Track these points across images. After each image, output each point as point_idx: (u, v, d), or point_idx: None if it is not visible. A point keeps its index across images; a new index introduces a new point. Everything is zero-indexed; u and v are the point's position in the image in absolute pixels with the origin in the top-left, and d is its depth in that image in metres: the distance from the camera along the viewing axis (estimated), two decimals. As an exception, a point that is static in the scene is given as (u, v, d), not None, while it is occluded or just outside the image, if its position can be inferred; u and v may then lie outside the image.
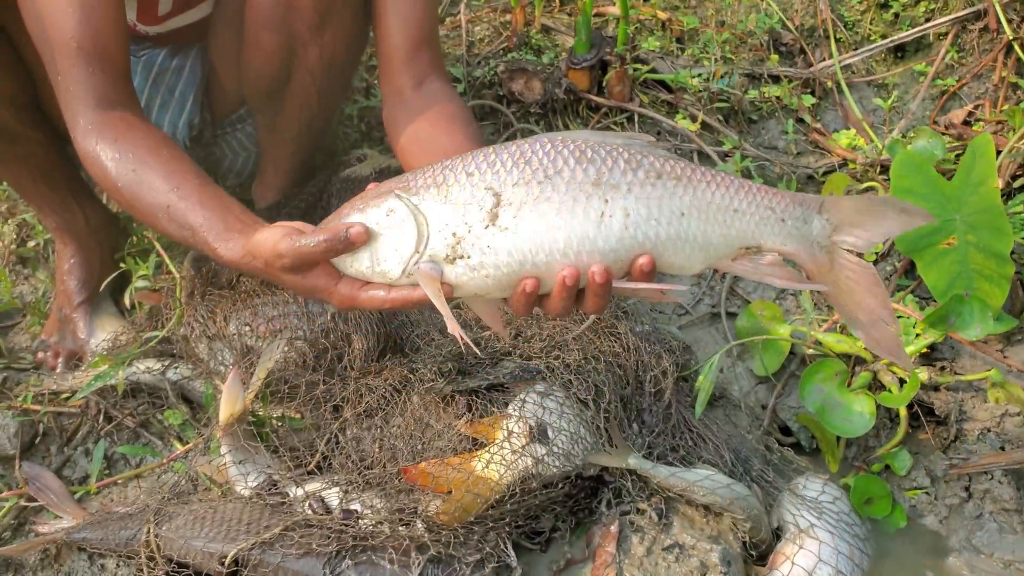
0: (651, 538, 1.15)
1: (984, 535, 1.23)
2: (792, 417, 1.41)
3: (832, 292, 0.93)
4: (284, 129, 1.46)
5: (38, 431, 1.33)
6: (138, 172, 1.01)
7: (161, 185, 1.00)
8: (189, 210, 0.99)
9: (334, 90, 1.42)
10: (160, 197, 1.00)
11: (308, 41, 1.29)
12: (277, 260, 0.90)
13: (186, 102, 1.45)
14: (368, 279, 0.88)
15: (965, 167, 1.43)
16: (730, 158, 1.69)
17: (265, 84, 1.37)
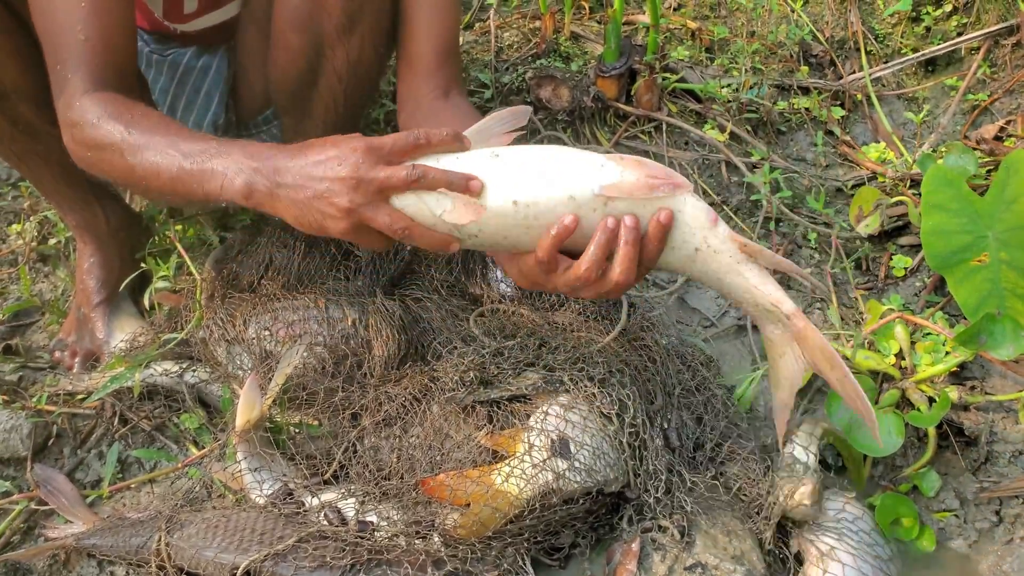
0: (673, 556, 1.13)
1: (1015, 561, 1.20)
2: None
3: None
4: (310, 131, 1.45)
5: (52, 432, 1.32)
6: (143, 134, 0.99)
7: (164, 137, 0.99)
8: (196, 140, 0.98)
9: (361, 93, 1.42)
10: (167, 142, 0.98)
11: (335, 43, 1.28)
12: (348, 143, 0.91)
13: (211, 102, 1.45)
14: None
15: (998, 184, 1.41)
16: (758, 169, 1.67)
17: (291, 85, 1.36)
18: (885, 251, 1.61)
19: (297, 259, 1.44)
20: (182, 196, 0.99)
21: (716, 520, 1.18)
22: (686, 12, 1.98)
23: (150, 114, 1.03)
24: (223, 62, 1.45)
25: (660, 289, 1.55)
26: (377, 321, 1.30)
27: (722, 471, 1.24)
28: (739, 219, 1.66)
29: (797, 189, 1.69)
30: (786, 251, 1.62)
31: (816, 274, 1.59)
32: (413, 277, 1.43)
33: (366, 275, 1.41)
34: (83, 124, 1.01)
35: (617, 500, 1.17)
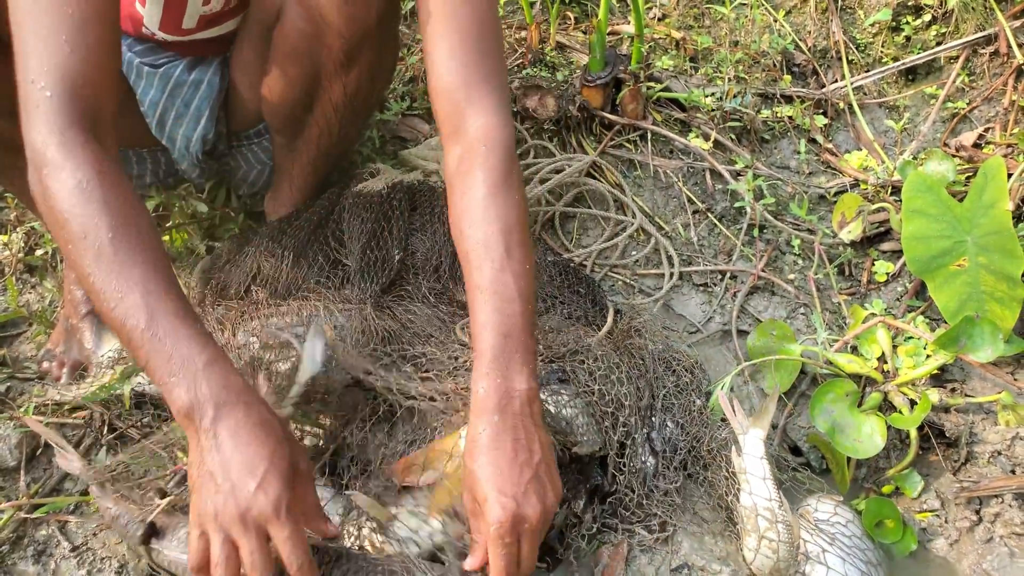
0: (660, 559, 1.14)
1: (995, 559, 1.22)
2: (802, 437, 1.40)
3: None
4: (302, 152, 1.46)
5: (40, 443, 1.32)
6: (113, 244, 0.88)
7: (142, 272, 0.88)
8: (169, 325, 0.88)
9: (356, 121, 1.42)
10: (134, 297, 0.87)
11: (334, 76, 1.28)
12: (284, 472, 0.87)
13: (201, 117, 1.44)
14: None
15: (977, 189, 1.43)
16: (742, 177, 1.69)
17: (286, 111, 1.37)
18: (867, 257, 1.64)
19: (285, 269, 1.45)
20: (121, 339, 0.91)
21: (702, 523, 1.20)
22: (670, 22, 2.01)
23: (139, 215, 0.92)
24: (215, 76, 1.44)
25: (646, 296, 1.57)
26: (363, 328, 1.30)
27: (705, 477, 1.25)
28: (723, 226, 1.68)
29: (781, 196, 1.71)
30: (770, 257, 1.64)
31: (800, 280, 1.61)
32: (402, 284, 1.44)
33: (355, 284, 1.41)
34: (56, 183, 0.90)
35: (603, 501, 1.18)
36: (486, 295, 0.97)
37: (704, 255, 1.63)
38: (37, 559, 1.18)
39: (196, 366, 0.87)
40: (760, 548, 1.13)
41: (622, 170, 1.73)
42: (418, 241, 1.48)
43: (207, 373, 0.87)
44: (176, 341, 0.87)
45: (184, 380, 0.87)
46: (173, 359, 0.87)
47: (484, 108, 1.03)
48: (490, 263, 0.98)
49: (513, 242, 0.99)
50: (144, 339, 0.88)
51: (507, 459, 0.93)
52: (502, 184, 1.02)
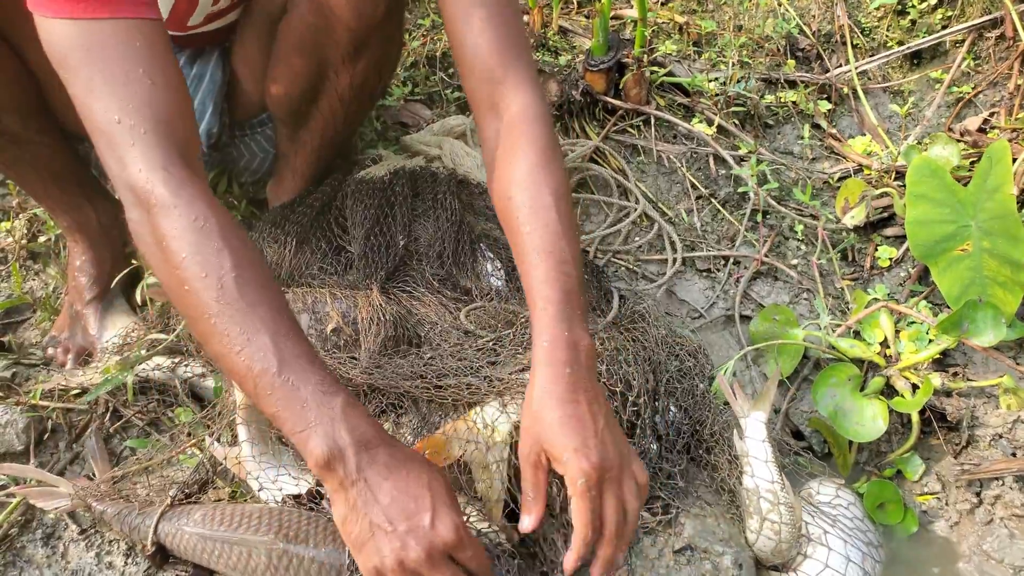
0: (663, 541, 1.15)
1: (994, 541, 1.23)
2: (804, 421, 1.41)
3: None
4: (306, 141, 1.46)
5: (47, 427, 1.33)
6: (238, 283, 0.84)
7: (265, 322, 0.84)
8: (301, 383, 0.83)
9: (362, 110, 1.42)
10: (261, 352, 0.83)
11: (340, 69, 1.27)
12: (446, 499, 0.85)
13: (205, 112, 1.43)
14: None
15: (981, 173, 1.43)
16: (746, 162, 1.69)
17: (291, 101, 1.36)
18: (870, 242, 1.64)
19: (289, 254, 1.45)
20: (244, 387, 0.86)
21: (704, 505, 1.21)
22: (673, 7, 2.00)
23: (256, 253, 0.89)
24: (217, 69, 1.43)
25: (649, 282, 1.57)
26: (367, 317, 1.31)
27: (708, 460, 1.26)
28: (727, 211, 1.67)
29: (784, 182, 1.71)
30: (773, 242, 1.64)
31: (803, 265, 1.61)
32: (406, 271, 1.44)
33: (359, 269, 1.42)
34: (168, 221, 0.85)
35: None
36: (541, 255, 0.96)
37: (707, 241, 1.63)
38: (46, 542, 1.19)
39: (334, 412, 0.83)
40: (762, 530, 1.14)
41: (625, 155, 1.73)
42: (421, 227, 1.48)
43: (345, 417, 0.83)
44: (308, 387, 0.83)
45: (321, 427, 0.83)
46: (308, 406, 0.83)
47: (521, 83, 1.03)
48: (544, 227, 0.97)
49: (564, 209, 0.99)
50: (275, 384, 0.83)
51: (585, 411, 0.90)
52: (551, 154, 1.01)
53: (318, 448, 0.83)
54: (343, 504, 0.85)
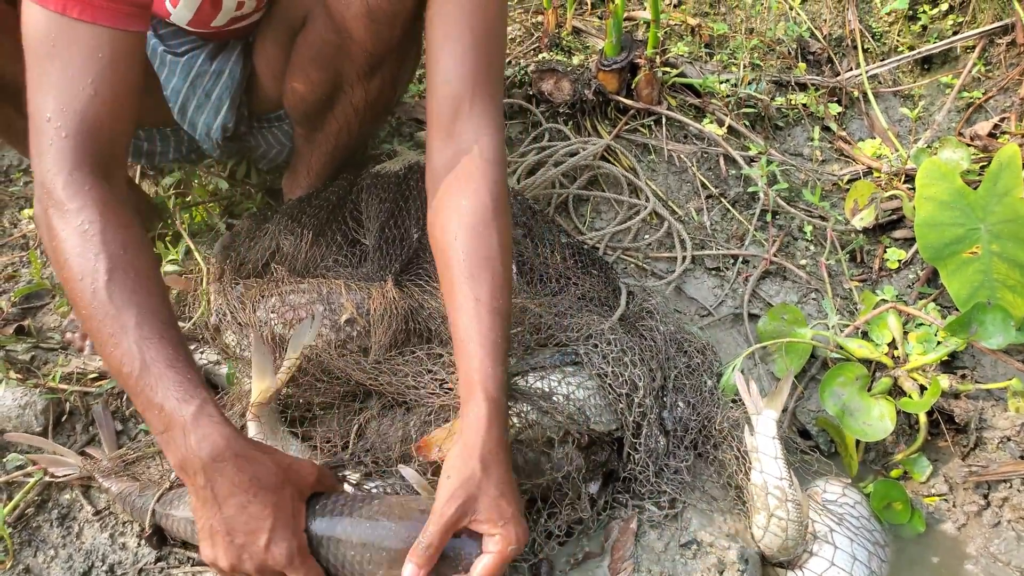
0: (669, 534, 1.16)
1: (1002, 543, 1.23)
2: (811, 420, 1.42)
3: None
4: (321, 143, 1.48)
5: (64, 409, 1.35)
6: (108, 288, 0.89)
7: (137, 319, 0.89)
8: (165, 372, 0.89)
9: (377, 119, 1.44)
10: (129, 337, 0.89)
11: (356, 83, 1.30)
12: (304, 480, 0.93)
13: (222, 106, 1.45)
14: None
15: (991, 177, 1.44)
16: (756, 163, 1.70)
17: (307, 108, 1.38)
18: (879, 244, 1.65)
19: (305, 246, 1.47)
20: (111, 372, 0.92)
21: (711, 500, 1.22)
22: (686, 9, 2.01)
23: (138, 258, 0.93)
24: (237, 65, 1.44)
25: (658, 279, 1.58)
26: (380, 305, 1.33)
27: (715, 456, 1.27)
28: (736, 211, 1.69)
29: (794, 183, 1.72)
30: (782, 243, 1.65)
31: (811, 265, 1.62)
32: (419, 263, 1.46)
33: (373, 261, 1.43)
34: (59, 222, 0.92)
35: (612, 478, 1.20)
36: (485, 308, 0.97)
37: (717, 239, 1.65)
38: (61, 522, 1.21)
39: (184, 420, 0.87)
40: (769, 526, 1.15)
41: (636, 154, 1.74)
42: (434, 221, 1.49)
43: (195, 427, 0.87)
44: (166, 392, 0.88)
45: (174, 436, 0.88)
46: (164, 412, 0.88)
47: (487, 123, 1.03)
48: (490, 279, 0.98)
49: (507, 262, 1.01)
50: (137, 388, 0.89)
51: (511, 481, 0.95)
52: (503, 203, 1.02)
53: (171, 455, 0.89)
54: (195, 499, 0.91)
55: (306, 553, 0.91)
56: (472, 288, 0.98)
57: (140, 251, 0.94)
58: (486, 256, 0.99)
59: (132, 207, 0.98)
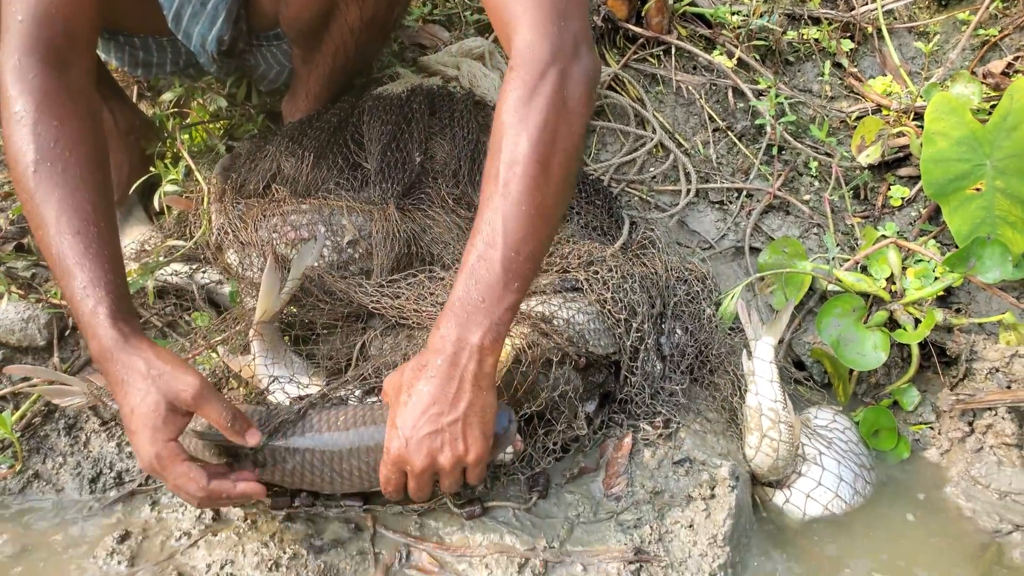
0: (663, 453, 1.19)
1: (983, 467, 1.27)
2: (806, 352, 1.44)
3: None
4: (318, 64, 1.45)
5: (67, 324, 1.36)
6: (35, 177, 0.93)
7: (56, 209, 0.93)
8: (84, 262, 0.93)
9: (373, 41, 1.41)
10: (54, 226, 0.93)
11: (350, 1, 1.27)
12: (180, 395, 0.92)
13: (217, 16, 1.41)
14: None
15: (1001, 111, 1.43)
16: (764, 96, 1.68)
17: (303, 26, 1.35)
18: (884, 181, 1.64)
19: (306, 169, 1.46)
20: (48, 265, 0.97)
21: (705, 422, 1.25)
22: (700, -64, 1.95)
23: (70, 152, 0.95)
24: None
25: (661, 212, 1.58)
26: (382, 228, 1.33)
27: (710, 381, 1.30)
28: (743, 144, 1.67)
29: (801, 119, 1.70)
30: (787, 177, 1.64)
31: (815, 201, 1.62)
32: (421, 187, 1.45)
33: (375, 184, 1.43)
34: (2, 107, 0.95)
35: (608, 399, 1.23)
36: (474, 234, 0.92)
37: (722, 173, 1.64)
38: (68, 432, 1.23)
39: (84, 319, 0.93)
40: (761, 447, 1.18)
41: (644, 84, 1.72)
42: (437, 145, 1.48)
43: (88, 326, 0.93)
44: (72, 289, 0.92)
45: (82, 331, 0.95)
46: (72, 307, 0.94)
47: (525, 23, 0.93)
48: (486, 198, 0.91)
49: (514, 177, 0.89)
50: (58, 282, 0.94)
51: (423, 404, 0.93)
52: (521, 109, 0.90)
53: (90, 348, 0.95)
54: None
55: (170, 460, 0.93)
56: (479, 211, 0.94)
57: (75, 146, 0.95)
58: (487, 174, 0.94)
59: (84, 102, 0.98)
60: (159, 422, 0.92)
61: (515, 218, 0.89)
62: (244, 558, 1.05)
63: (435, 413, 0.93)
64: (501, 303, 0.91)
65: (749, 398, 1.20)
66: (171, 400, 0.92)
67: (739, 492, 1.13)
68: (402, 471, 0.97)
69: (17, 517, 1.14)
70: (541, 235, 0.92)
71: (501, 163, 0.90)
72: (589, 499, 1.14)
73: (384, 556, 1.08)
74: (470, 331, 0.91)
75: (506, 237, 0.89)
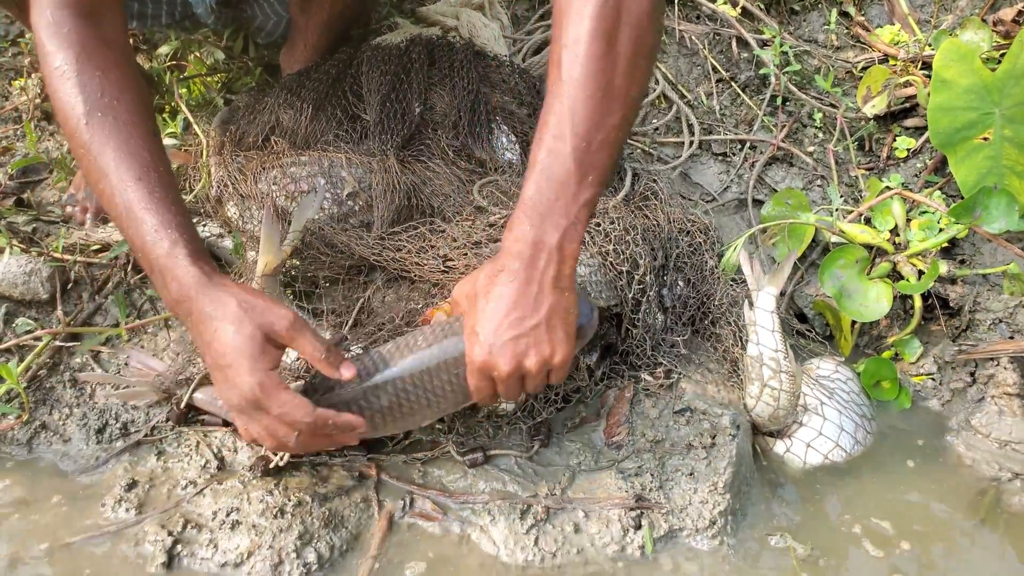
0: (664, 403, 1.20)
1: (983, 417, 1.28)
2: (808, 304, 1.44)
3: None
4: (315, 12, 1.43)
5: (70, 278, 1.36)
6: (89, 129, 0.91)
7: (128, 161, 0.92)
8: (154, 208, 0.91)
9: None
10: (122, 173, 0.92)
11: None
12: (274, 325, 0.91)
13: None
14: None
15: (1011, 58, 1.40)
16: (768, 46, 1.65)
17: None
18: (889, 132, 1.62)
19: (305, 121, 1.44)
20: (110, 217, 0.94)
21: (706, 372, 1.25)
22: None
23: (118, 101, 0.93)
24: None
25: (664, 164, 1.56)
26: (382, 180, 1.32)
27: (712, 332, 1.30)
28: (747, 95, 1.65)
29: (806, 70, 1.67)
30: (791, 129, 1.62)
31: (819, 152, 1.60)
32: (421, 139, 1.44)
33: (374, 136, 1.41)
34: (44, 65, 0.94)
35: (609, 350, 1.23)
36: (541, 127, 0.87)
37: (725, 124, 1.62)
38: (74, 384, 1.24)
39: (160, 262, 0.91)
40: (762, 396, 1.19)
41: (646, 35, 1.68)
42: (437, 96, 1.46)
43: (167, 268, 0.91)
44: (143, 235, 0.91)
45: (155, 279, 0.92)
46: (144, 254, 0.92)
47: None
48: (550, 87, 0.85)
49: (576, 58, 0.83)
50: (125, 231, 0.93)
51: (503, 309, 0.91)
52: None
53: (160, 294, 0.94)
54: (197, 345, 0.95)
55: (273, 388, 0.90)
56: (546, 94, 0.88)
57: (120, 94, 0.94)
58: (552, 61, 0.87)
59: (121, 51, 0.97)
60: (257, 351, 0.90)
61: (582, 104, 0.83)
62: (249, 505, 1.06)
63: (517, 318, 0.91)
64: (577, 200, 0.87)
65: (750, 348, 1.20)
66: (266, 331, 0.91)
67: (740, 441, 1.14)
68: (489, 377, 0.95)
69: (25, 467, 1.16)
70: (613, 119, 0.85)
71: (562, 46, 0.84)
72: (590, 448, 1.15)
73: (388, 504, 1.09)
74: (546, 232, 0.88)
75: (574, 127, 0.84)
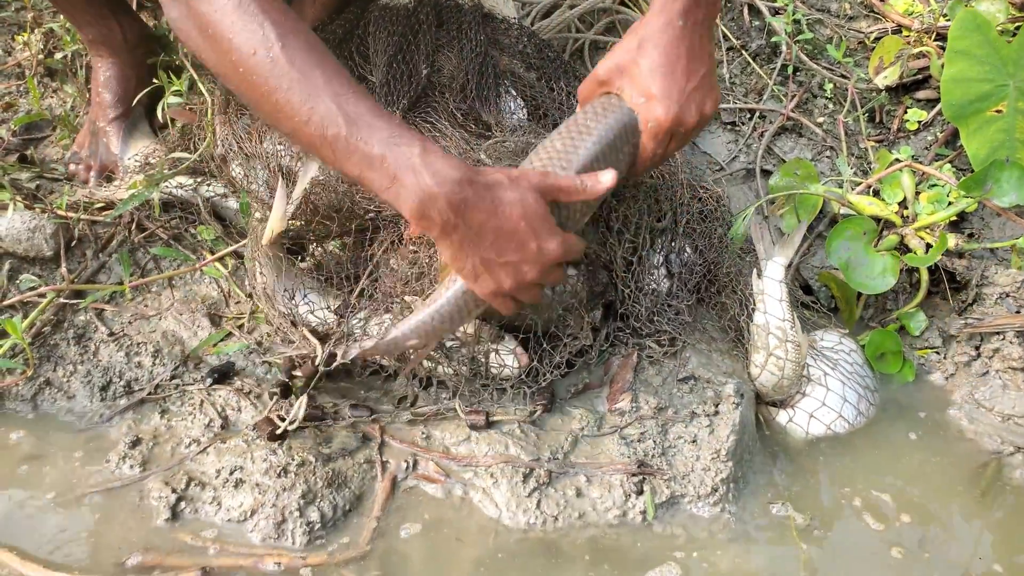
0: (668, 370, 1.20)
1: (987, 391, 1.28)
2: (814, 276, 1.43)
3: None
4: None
5: (73, 235, 1.36)
6: (287, 53, 0.84)
7: (324, 79, 0.84)
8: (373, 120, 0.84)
9: None
10: (322, 96, 0.84)
11: None
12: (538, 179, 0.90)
13: None
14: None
15: (1029, 29, 1.38)
16: (780, 14, 1.63)
17: None
18: (900, 104, 1.60)
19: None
20: (322, 156, 0.86)
21: (711, 341, 1.25)
22: None
23: (299, 21, 0.88)
24: None
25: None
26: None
27: (718, 301, 1.29)
28: (757, 64, 1.63)
29: (818, 40, 1.65)
30: (801, 99, 1.60)
31: (829, 123, 1.59)
32: (428, 101, 1.42)
33: (381, 97, 1.39)
34: (209, 7, 0.85)
35: (611, 311, 1.23)
36: None
37: (735, 93, 1.60)
38: (78, 341, 1.24)
39: (413, 162, 0.83)
40: (767, 365, 1.19)
41: None
42: (444, 58, 1.44)
43: (425, 165, 0.84)
44: (384, 141, 0.84)
45: (406, 181, 0.84)
46: (387, 161, 0.83)
47: None
48: None
49: None
50: (349, 147, 0.84)
51: (682, 65, 0.96)
52: None
53: (408, 202, 0.84)
54: (449, 247, 0.89)
55: (567, 235, 0.93)
56: None
57: (295, 15, 0.89)
58: None
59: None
60: (546, 212, 0.91)
61: None
62: (253, 464, 1.07)
63: (694, 70, 0.96)
64: None
65: (757, 316, 1.20)
66: (536, 190, 0.91)
67: (743, 409, 1.14)
68: (669, 138, 0.99)
69: (29, 423, 1.16)
70: None
71: None
72: (593, 414, 1.15)
73: (391, 464, 1.10)
74: None
75: None
